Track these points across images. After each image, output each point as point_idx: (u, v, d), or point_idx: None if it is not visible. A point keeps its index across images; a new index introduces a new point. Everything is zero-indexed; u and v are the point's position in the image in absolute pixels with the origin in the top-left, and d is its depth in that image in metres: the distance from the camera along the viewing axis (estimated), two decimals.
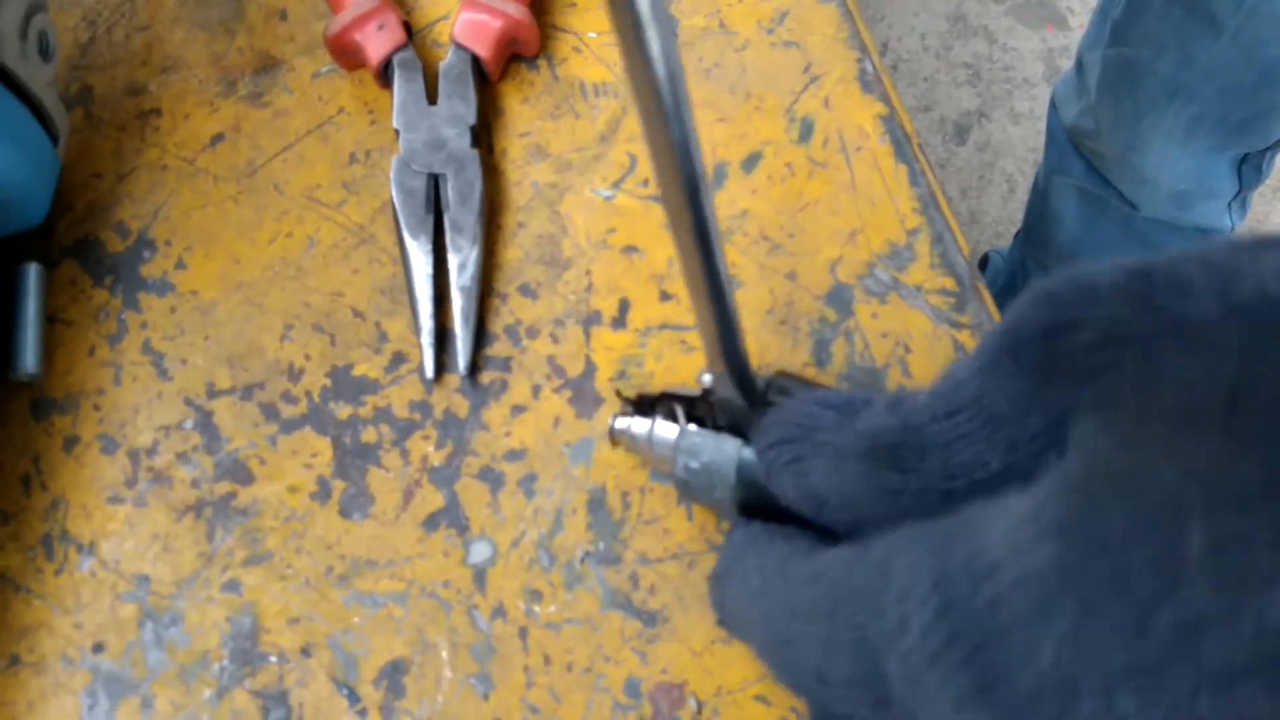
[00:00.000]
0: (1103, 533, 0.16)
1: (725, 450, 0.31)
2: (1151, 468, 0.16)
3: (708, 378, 0.32)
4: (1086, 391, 0.18)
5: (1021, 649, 0.16)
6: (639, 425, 0.33)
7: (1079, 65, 0.96)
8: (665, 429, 0.32)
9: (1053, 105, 1.03)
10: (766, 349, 0.37)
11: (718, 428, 0.32)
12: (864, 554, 0.20)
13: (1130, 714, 0.15)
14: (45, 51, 0.36)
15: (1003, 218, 1.54)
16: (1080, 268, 0.19)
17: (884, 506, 0.22)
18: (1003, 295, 1.17)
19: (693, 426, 0.32)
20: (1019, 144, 1.59)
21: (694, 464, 0.31)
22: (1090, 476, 0.17)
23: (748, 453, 0.30)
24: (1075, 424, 0.18)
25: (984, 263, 1.32)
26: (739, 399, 0.30)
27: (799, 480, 0.25)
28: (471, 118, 0.39)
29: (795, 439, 0.25)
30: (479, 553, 0.35)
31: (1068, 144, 1.01)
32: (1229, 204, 0.95)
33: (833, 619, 0.20)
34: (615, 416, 0.34)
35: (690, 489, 0.32)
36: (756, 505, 0.30)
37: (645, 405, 0.34)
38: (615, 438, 0.34)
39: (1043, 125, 1.57)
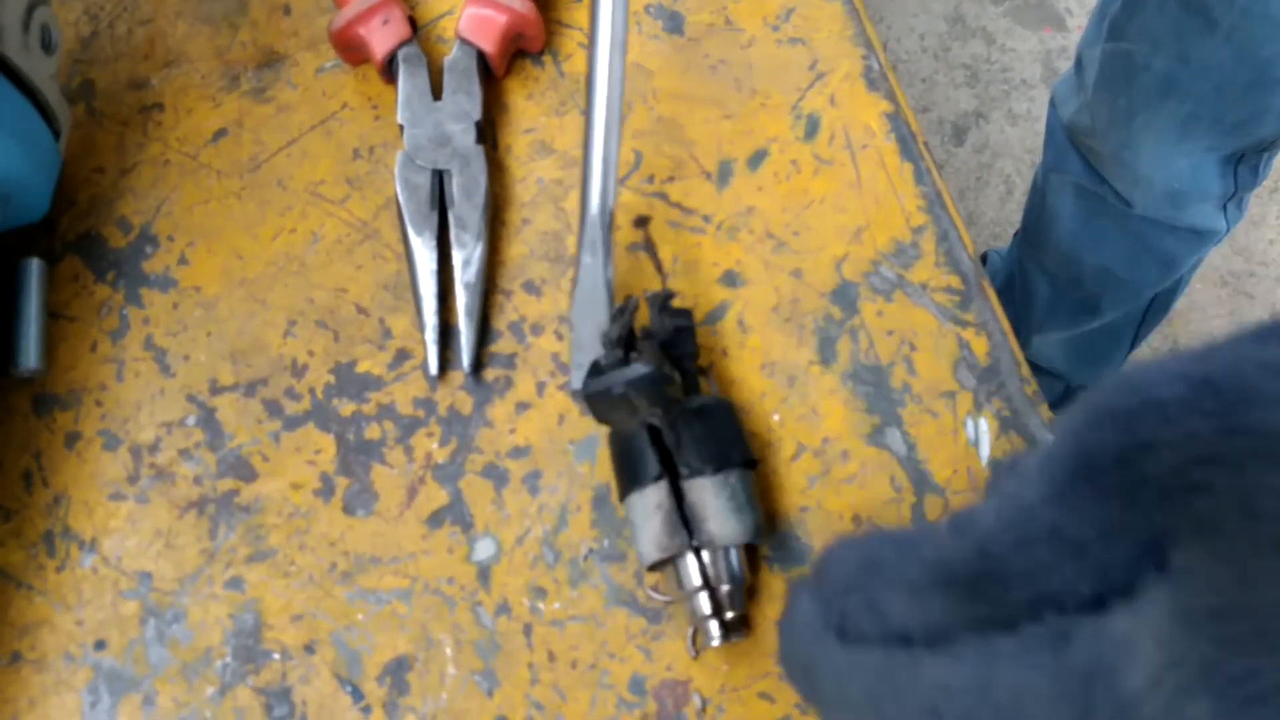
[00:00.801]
0: (1254, 684, 0.15)
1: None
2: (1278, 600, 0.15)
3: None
4: (1182, 516, 0.17)
5: None
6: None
7: (1078, 62, 0.97)
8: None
9: (1052, 103, 1.03)
10: (771, 346, 0.37)
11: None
12: (988, 683, 0.19)
13: None
14: (48, 44, 0.36)
15: (1000, 219, 1.54)
16: (1131, 376, 0.18)
17: (972, 639, 0.21)
18: (1002, 294, 1.17)
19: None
20: (1017, 145, 1.59)
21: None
22: (1220, 616, 0.16)
23: None
24: (1177, 549, 0.17)
25: (982, 261, 1.32)
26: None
27: (879, 622, 0.23)
28: (476, 113, 0.39)
29: (863, 583, 0.23)
30: (483, 550, 0.35)
31: (1066, 141, 1.01)
32: (1224, 205, 0.95)
33: None
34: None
35: None
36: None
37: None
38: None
39: (1040, 126, 1.57)
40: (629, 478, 0.32)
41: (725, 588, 0.32)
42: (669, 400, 0.32)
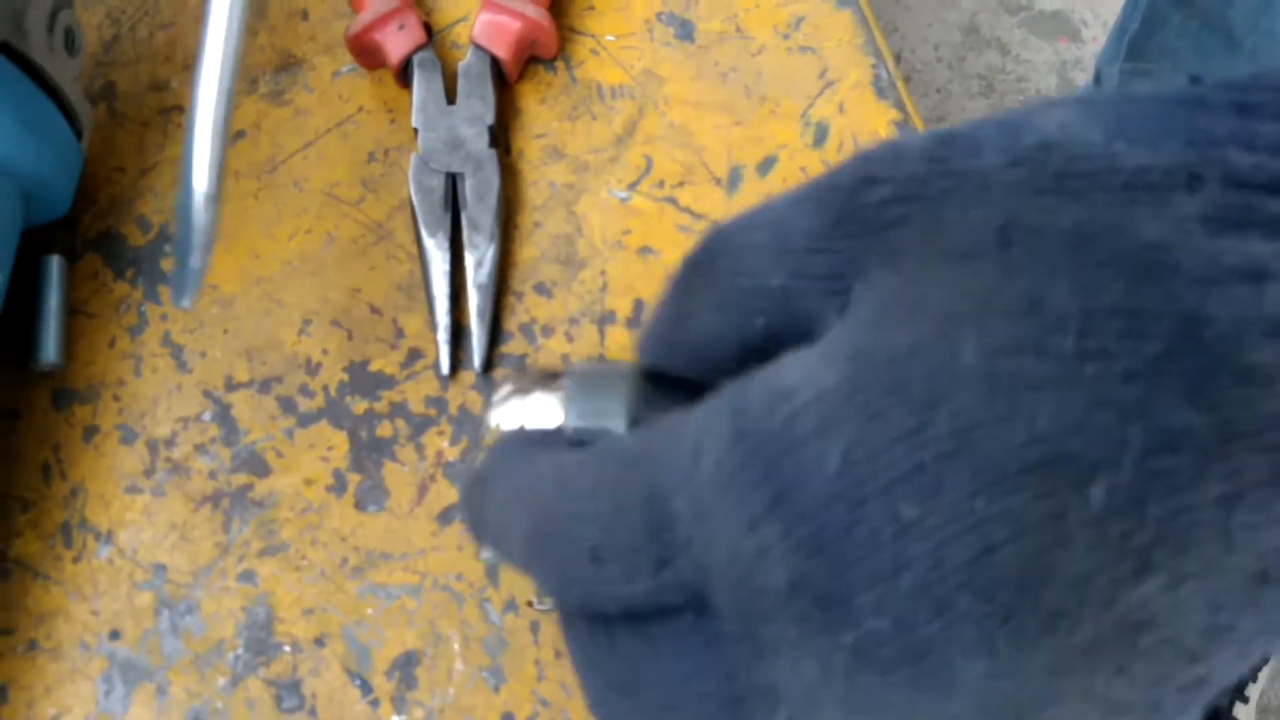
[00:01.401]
0: (887, 351, 0.17)
1: (619, 371, 0.29)
2: (931, 296, 0.17)
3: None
4: (876, 246, 0.18)
5: (811, 460, 0.17)
6: (510, 413, 0.30)
7: (1097, 78, 0.97)
8: (542, 402, 0.29)
9: None
10: None
11: None
12: (653, 426, 0.20)
13: (913, 519, 0.16)
14: (71, 47, 0.37)
15: None
16: (901, 134, 0.19)
17: (686, 307, 0.22)
18: None
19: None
20: None
21: (584, 405, 0.29)
22: (877, 312, 0.18)
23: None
24: (863, 276, 0.19)
25: None
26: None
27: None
28: (490, 118, 0.39)
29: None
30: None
31: None
32: None
33: (617, 484, 0.20)
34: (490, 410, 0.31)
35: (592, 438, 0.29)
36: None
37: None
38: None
39: None
40: None
41: None
42: None
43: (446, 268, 0.37)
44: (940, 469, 0.16)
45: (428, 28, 0.41)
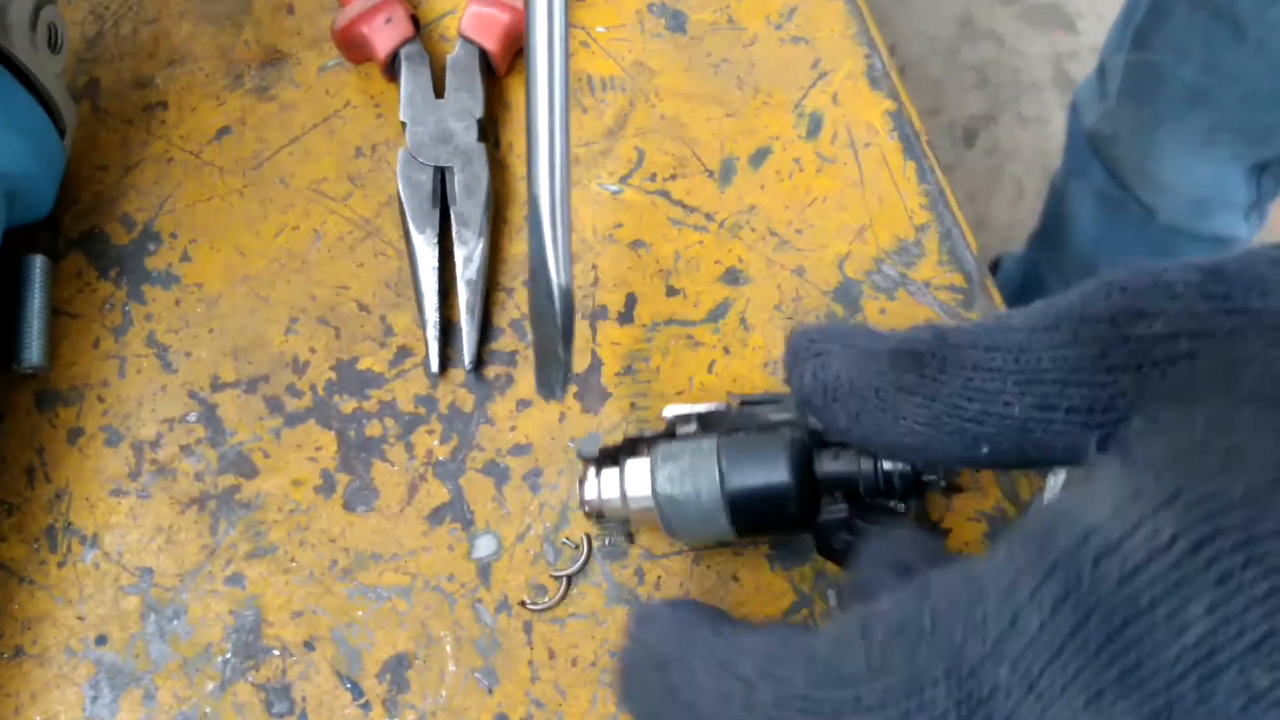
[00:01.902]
0: (1224, 503, 0.16)
1: (703, 446, 0.30)
2: (1254, 442, 0.16)
3: (673, 410, 0.32)
4: (1156, 382, 0.18)
5: (1162, 628, 0.16)
6: (609, 482, 0.31)
7: (1101, 70, 0.96)
8: (636, 466, 0.31)
9: (1073, 108, 1.02)
10: (774, 344, 0.36)
11: None
12: (925, 586, 0.19)
13: (1265, 688, 0.15)
14: (54, 43, 0.36)
15: (1011, 222, 1.53)
16: (1149, 264, 0.19)
17: (891, 403, 0.21)
18: (1016, 299, 1.16)
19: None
20: (1027, 148, 1.58)
21: (673, 470, 0.30)
22: (1191, 453, 0.16)
23: (726, 442, 0.30)
24: (1145, 411, 0.18)
25: (995, 266, 1.31)
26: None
27: (818, 370, 0.23)
28: (479, 111, 0.39)
29: (829, 338, 0.24)
30: (483, 547, 0.35)
31: (1087, 147, 1.00)
32: (1246, 213, 0.94)
33: (905, 658, 0.18)
34: (581, 485, 0.32)
35: (675, 504, 0.30)
36: (745, 506, 0.30)
37: (608, 457, 0.32)
38: (589, 510, 0.32)
39: (1051, 129, 1.57)
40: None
41: None
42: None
43: (435, 263, 0.37)
44: None
45: (415, 21, 0.40)
